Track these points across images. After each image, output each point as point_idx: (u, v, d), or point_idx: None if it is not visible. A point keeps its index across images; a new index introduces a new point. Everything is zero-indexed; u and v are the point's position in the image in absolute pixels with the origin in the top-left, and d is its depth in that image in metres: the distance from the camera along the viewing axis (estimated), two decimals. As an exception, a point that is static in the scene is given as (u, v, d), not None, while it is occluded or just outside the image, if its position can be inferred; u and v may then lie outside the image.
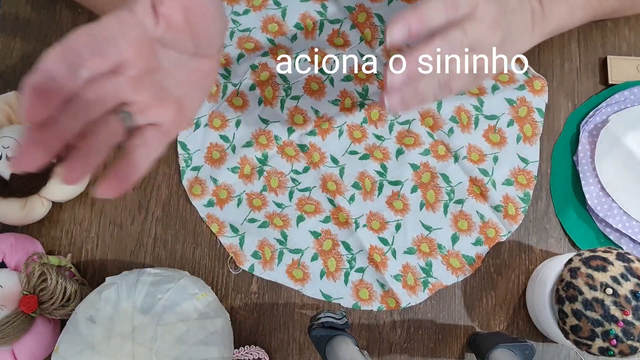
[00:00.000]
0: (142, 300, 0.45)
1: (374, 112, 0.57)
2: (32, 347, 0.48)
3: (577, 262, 0.47)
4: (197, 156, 0.57)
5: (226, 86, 0.58)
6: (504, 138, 0.56)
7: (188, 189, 0.56)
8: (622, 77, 0.57)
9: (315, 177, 0.56)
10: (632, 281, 0.44)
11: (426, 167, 0.56)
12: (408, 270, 0.54)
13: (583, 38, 0.59)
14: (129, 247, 0.56)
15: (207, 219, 0.56)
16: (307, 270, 0.54)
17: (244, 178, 0.56)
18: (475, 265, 0.54)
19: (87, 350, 0.43)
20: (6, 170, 0.50)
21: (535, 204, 0.56)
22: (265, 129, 0.57)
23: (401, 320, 0.54)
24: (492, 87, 0.57)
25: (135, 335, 0.43)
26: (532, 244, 0.55)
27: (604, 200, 0.54)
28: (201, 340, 0.45)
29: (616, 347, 0.43)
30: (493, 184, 0.55)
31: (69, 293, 0.48)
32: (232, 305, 0.54)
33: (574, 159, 0.56)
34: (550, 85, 0.58)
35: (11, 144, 0.51)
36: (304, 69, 0.58)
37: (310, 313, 0.54)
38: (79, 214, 0.56)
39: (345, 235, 0.55)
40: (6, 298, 0.48)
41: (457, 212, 0.55)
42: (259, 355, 0.52)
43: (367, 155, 0.56)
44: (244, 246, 0.55)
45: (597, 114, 0.56)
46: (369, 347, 0.53)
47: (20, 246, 0.51)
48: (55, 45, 0.32)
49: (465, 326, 0.54)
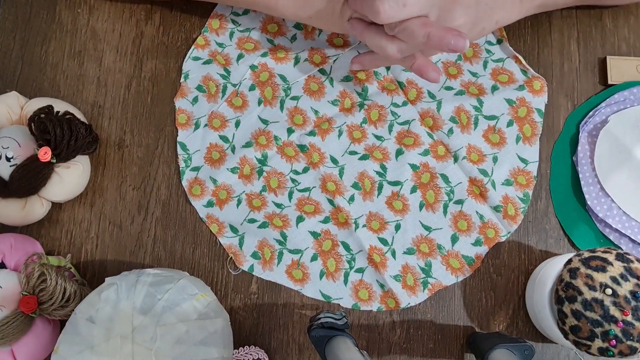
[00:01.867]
0: (142, 301, 0.45)
1: (373, 112, 0.57)
2: (31, 348, 0.48)
3: (576, 262, 0.47)
4: (196, 156, 0.57)
5: (226, 86, 0.58)
6: (504, 138, 0.56)
7: (188, 189, 0.56)
8: (622, 77, 0.57)
9: (314, 177, 0.56)
10: (631, 281, 0.44)
11: (426, 168, 0.56)
12: (407, 271, 0.54)
13: (583, 38, 0.59)
14: (129, 248, 0.56)
15: (206, 219, 0.56)
16: (307, 270, 0.54)
17: (243, 178, 0.56)
18: (474, 266, 0.54)
19: (87, 351, 0.43)
20: (6, 170, 0.50)
21: (534, 204, 0.56)
22: (265, 129, 0.57)
23: (401, 320, 0.54)
24: (491, 88, 0.57)
25: (134, 335, 0.43)
26: (531, 244, 0.55)
27: (603, 200, 0.54)
28: (201, 340, 0.45)
29: (615, 348, 0.43)
30: (493, 185, 0.55)
31: (68, 293, 0.48)
32: (231, 306, 0.54)
33: (574, 159, 0.56)
34: (549, 86, 0.58)
35: (11, 144, 0.51)
36: (303, 69, 0.58)
37: (310, 313, 0.54)
38: (79, 215, 0.56)
39: (345, 235, 0.55)
40: (6, 298, 0.48)
41: (457, 212, 0.55)
42: (258, 356, 0.52)
43: (366, 155, 0.56)
44: (244, 246, 0.55)
45: (596, 114, 0.56)
46: (368, 348, 0.54)
47: (19, 246, 0.51)
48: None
49: (464, 326, 0.54)
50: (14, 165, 0.50)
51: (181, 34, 0.60)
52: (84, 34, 0.60)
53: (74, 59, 0.60)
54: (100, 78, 0.59)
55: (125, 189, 0.57)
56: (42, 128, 0.51)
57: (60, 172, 0.52)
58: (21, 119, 0.54)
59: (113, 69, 0.59)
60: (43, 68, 0.59)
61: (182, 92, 0.58)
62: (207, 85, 0.58)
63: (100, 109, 0.58)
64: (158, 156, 0.57)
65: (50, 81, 0.59)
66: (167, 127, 0.58)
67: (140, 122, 0.58)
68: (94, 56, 0.60)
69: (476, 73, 0.58)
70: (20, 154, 0.51)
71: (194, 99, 0.58)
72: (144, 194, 0.57)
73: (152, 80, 0.59)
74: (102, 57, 0.60)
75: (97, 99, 0.59)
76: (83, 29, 0.60)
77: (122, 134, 0.58)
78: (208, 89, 0.58)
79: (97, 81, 0.59)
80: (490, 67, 0.58)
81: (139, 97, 0.59)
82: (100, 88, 0.59)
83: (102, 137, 0.58)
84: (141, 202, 0.57)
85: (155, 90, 0.59)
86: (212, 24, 0.60)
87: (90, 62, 0.60)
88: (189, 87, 0.58)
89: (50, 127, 0.50)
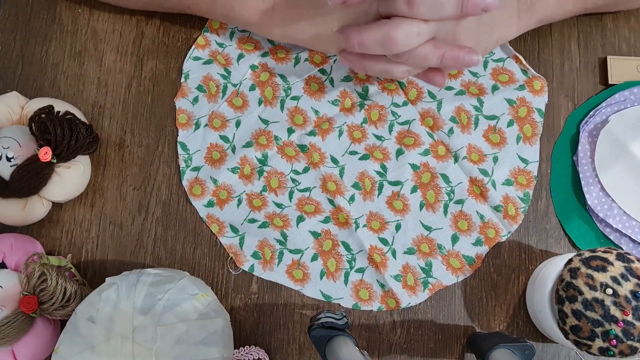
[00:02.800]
0: (142, 301, 0.45)
1: (374, 112, 0.57)
2: (32, 348, 0.48)
3: (577, 262, 0.47)
4: (197, 156, 0.57)
5: (226, 86, 0.58)
6: (504, 138, 0.56)
7: (188, 189, 0.56)
8: (622, 77, 0.57)
9: (315, 177, 0.56)
10: (632, 281, 0.44)
11: (426, 168, 0.56)
12: (408, 271, 0.54)
13: (583, 38, 0.59)
14: (129, 248, 0.56)
15: (207, 219, 0.56)
16: (307, 270, 0.54)
17: (244, 178, 0.56)
18: (475, 266, 0.54)
19: (87, 351, 0.43)
20: (6, 170, 0.50)
21: (535, 204, 0.56)
22: (265, 129, 0.57)
23: (401, 320, 0.54)
24: (492, 87, 0.57)
25: (135, 335, 0.43)
26: (532, 244, 0.55)
27: (603, 200, 0.54)
28: (201, 340, 0.45)
29: (616, 347, 0.43)
30: (493, 184, 0.55)
31: (69, 293, 0.48)
32: (232, 306, 0.54)
33: (574, 159, 0.56)
34: (550, 86, 0.58)
35: (11, 144, 0.51)
36: (303, 69, 0.58)
37: (310, 313, 0.54)
38: (79, 214, 0.56)
39: (345, 235, 0.55)
40: (6, 298, 0.48)
41: (457, 212, 0.55)
42: (259, 356, 0.52)
43: (367, 155, 0.56)
44: (244, 246, 0.55)
45: (597, 114, 0.56)
46: (369, 347, 0.53)
47: (20, 246, 0.51)
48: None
49: (465, 326, 0.54)
50: (14, 165, 0.50)
51: (181, 34, 0.60)
52: (84, 34, 0.60)
53: (75, 59, 0.60)
54: (100, 78, 0.59)
55: (125, 189, 0.57)
56: (43, 128, 0.51)
57: (60, 172, 0.52)
58: (21, 119, 0.54)
59: (113, 69, 0.59)
60: (43, 68, 0.59)
61: (183, 92, 0.58)
62: (207, 85, 0.58)
63: (100, 109, 0.58)
64: (158, 156, 0.57)
65: (50, 81, 0.59)
66: (168, 127, 0.58)
67: (140, 122, 0.58)
68: (95, 56, 0.60)
69: (476, 73, 0.58)
70: (21, 154, 0.51)
71: (194, 99, 0.58)
72: (144, 194, 0.57)
73: (153, 80, 0.59)
74: (103, 57, 0.60)
75: (98, 99, 0.59)
76: (83, 29, 0.60)
77: (123, 134, 0.58)
78: (208, 89, 0.58)
79: (97, 81, 0.59)
80: (491, 67, 0.58)
81: (140, 97, 0.59)
82: (101, 88, 0.59)
83: (103, 137, 0.58)
84: (142, 202, 0.57)
85: (156, 90, 0.59)
86: (213, 24, 0.60)
87: (90, 62, 0.60)
88: (189, 87, 0.58)
89: (50, 127, 0.50)
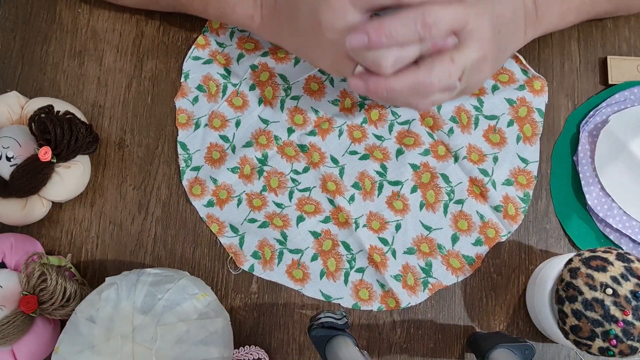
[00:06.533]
0: (142, 300, 0.45)
1: (373, 112, 0.57)
2: (32, 347, 0.48)
3: (577, 262, 0.47)
4: (197, 156, 0.57)
5: (226, 86, 0.58)
6: (504, 138, 0.56)
7: (188, 189, 0.56)
8: (622, 77, 0.57)
9: (315, 177, 0.56)
10: (632, 281, 0.44)
11: (426, 167, 0.56)
12: (408, 271, 0.54)
13: (583, 38, 0.59)
14: (129, 247, 0.56)
15: (207, 219, 0.56)
16: (307, 270, 0.54)
17: (243, 178, 0.56)
18: (475, 266, 0.54)
19: (87, 351, 0.43)
20: (6, 170, 0.50)
21: (535, 204, 0.56)
22: (265, 129, 0.57)
23: (401, 320, 0.54)
24: (492, 87, 0.57)
25: (135, 335, 0.43)
26: (532, 244, 0.55)
27: (603, 200, 0.54)
28: (201, 340, 0.45)
29: (616, 347, 0.43)
30: (493, 184, 0.55)
31: (68, 293, 0.48)
32: (232, 305, 0.54)
33: (574, 159, 0.56)
34: (550, 85, 0.58)
35: (11, 144, 0.51)
36: (303, 69, 0.58)
37: (310, 313, 0.54)
38: (79, 214, 0.56)
39: (345, 235, 0.55)
40: (6, 298, 0.48)
41: (457, 212, 0.55)
42: (259, 355, 0.52)
43: (367, 155, 0.56)
44: (244, 246, 0.55)
45: (597, 114, 0.56)
46: (369, 347, 0.53)
47: (20, 246, 0.51)
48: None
49: (465, 326, 0.54)
50: (14, 165, 0.50)
51: (181, 34, 0.60)
52: (84, 34, 0.60)
53: (75, 59, 0.60)
54: (100, 78, 0.59)
55: (125, 188, 0.57)
56: (43, 128, 0.51)
57: (60, 171, 0.52)
58: (21, 119, 0.54)
59: (113, 68, 0.59)
60: (43, 68, 0.59)
61: (183, 91, 0.58)
62: (207, 85, 0.58)
63: (100, 109, 0.58)
64: (158, 156, 0.57)
65: (50, 81, 0.59)
66: (168, 127, 0.58)
67: (140, 121, 0.58)
68: (94, 56, 0.60)
69: (476, 73, 0.58)
70: (21, 153, 0.51)
71: (194, 99, 0.58)
72: (144, 193, 0.57)
73: (153, 80, 0.59)
74: (103, 57, 0.60)
75: (98, 98, 0.59)
76: (83, 28, 0.60)
77: (123, 134, 0.58)
78: (208, 89, 0.58)
79: (97, 81, 0.59)
80: (491, 66, 0.58)
81: (139, 96, 0.59)
82: (101, 88, 0.59)
83: (103, 137, 0.58)
84: (141, 201, 0.57)
85: (156, 90, 0.59)
86: (213, 23, 0.60)
87: (90, 62, 0.59)
88: (189, 86, 0.58)
89: (50, 127, 0.50)
